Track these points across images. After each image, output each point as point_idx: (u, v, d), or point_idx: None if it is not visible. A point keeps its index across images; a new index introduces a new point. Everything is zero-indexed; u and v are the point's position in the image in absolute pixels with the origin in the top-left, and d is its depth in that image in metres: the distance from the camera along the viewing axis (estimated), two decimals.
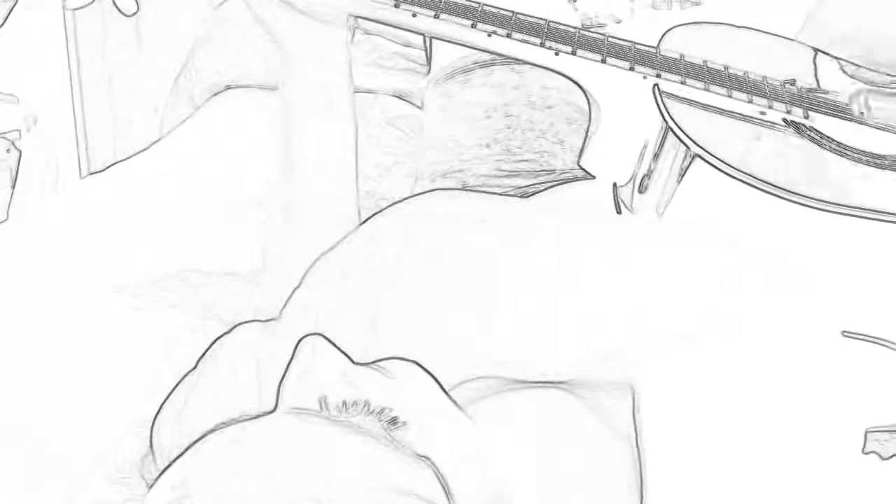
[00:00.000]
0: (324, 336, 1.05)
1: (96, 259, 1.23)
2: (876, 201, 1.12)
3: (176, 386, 1.14)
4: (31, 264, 1.24)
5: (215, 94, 1.32)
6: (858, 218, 1.11)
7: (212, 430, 1.01)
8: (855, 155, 1.15)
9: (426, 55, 1.28)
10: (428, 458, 0.99)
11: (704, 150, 1.12)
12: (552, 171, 1.24)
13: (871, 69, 1.22)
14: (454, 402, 1.04)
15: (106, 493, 1.14)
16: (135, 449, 1.15)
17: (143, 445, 1.14)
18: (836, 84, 1.22)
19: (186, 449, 0.98)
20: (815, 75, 1.22)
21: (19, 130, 1.30)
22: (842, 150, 1.15)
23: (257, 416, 1.02)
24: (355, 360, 1.09)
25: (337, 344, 1.05)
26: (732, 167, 1.11)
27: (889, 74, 1.22)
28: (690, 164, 1.13)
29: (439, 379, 1.06)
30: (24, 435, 1.16)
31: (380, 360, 1.06)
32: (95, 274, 1.23)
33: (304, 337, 1.05)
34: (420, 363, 1.06)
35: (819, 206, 1.10)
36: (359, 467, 0.95)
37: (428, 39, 1.28)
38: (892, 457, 1.08)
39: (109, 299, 1.22)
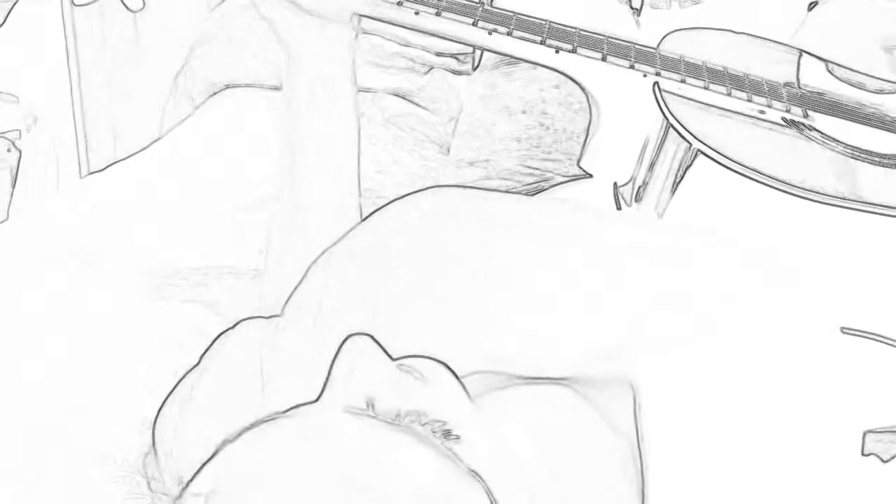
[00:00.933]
0: (371, 337, 1.03)
1: (96, 259, 1.23)
2: (879, 196, 1.12)
3: (178, 383, 1.14)
4: (32, 264, 1.24)
5: (215, 94, 1.32)
6: (857, 212, 1.11)
7: (248, 428, 0.97)
8: (860, 154, 1.16)
9: (473, 57, 1.29)
10: (478, 475, 0.96)
11: (706, 144, 1.12)
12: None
13: (860, 72, 1.23)
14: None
15: (107, 491, 1.14)
16: (136, 447, 1.14)
17: (144, 443, 1.14)
18: (824, 85, 1.23)
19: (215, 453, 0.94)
20: (797, 75, 1.22)
21: (19, 130, 1.30)
22: (844, 149, 1.16)
23: (299, 411, 0.98)
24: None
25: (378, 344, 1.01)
26: (734, 161, 1.11)
27: (878, 78, 1.23)
28: (691, 163, 1.14)
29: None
30: (25, 433, 1.16)
31: (404, 358, 1.03)
32: (95, 274, 1.23)
33: (350, 335, 1.03)
34: (447, 364, 1.02)
35: (822, 199, 1.11)
36: (419, 479, 0.93)
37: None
38: (892, 458, 1.08)
39: (109, 298, 1.22)
